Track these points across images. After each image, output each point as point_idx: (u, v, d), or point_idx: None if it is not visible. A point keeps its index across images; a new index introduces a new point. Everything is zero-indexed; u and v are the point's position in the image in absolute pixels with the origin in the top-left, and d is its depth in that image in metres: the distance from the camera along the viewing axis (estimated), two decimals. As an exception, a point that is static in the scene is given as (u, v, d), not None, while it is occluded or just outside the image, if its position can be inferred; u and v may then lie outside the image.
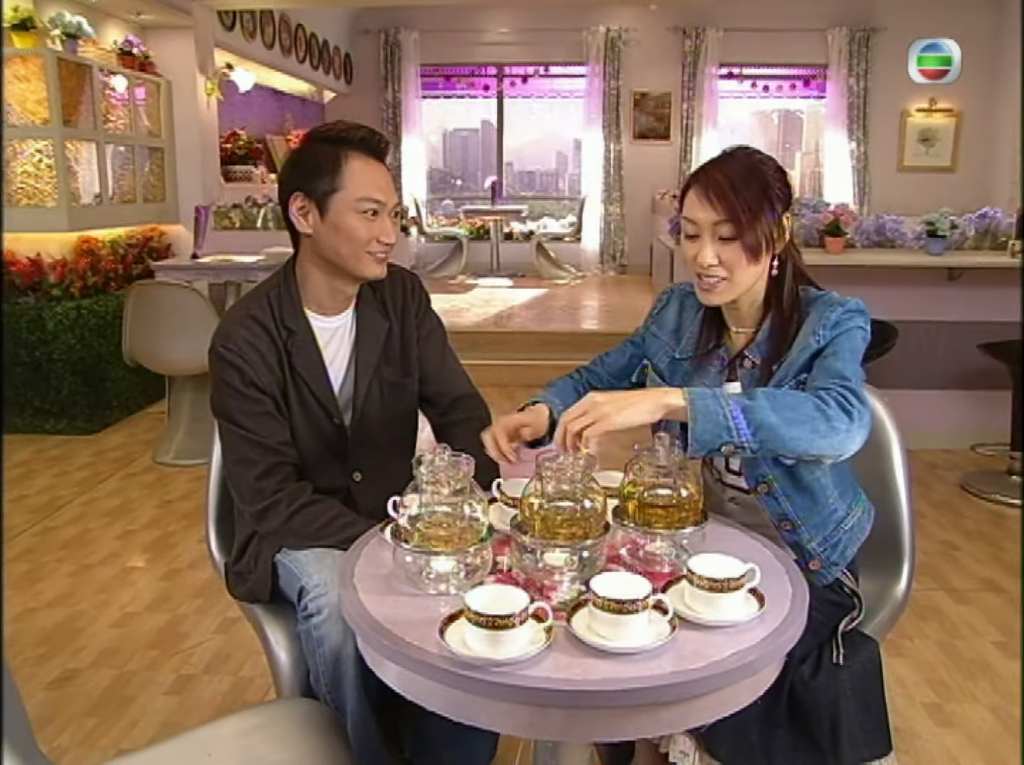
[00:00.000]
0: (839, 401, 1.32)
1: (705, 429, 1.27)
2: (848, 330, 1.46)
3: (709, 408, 1.28)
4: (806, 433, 1.28)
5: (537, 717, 1.05)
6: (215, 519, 1.92)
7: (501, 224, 9.56)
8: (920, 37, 8.51)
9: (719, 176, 1.46)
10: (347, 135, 1.60)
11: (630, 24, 8.99)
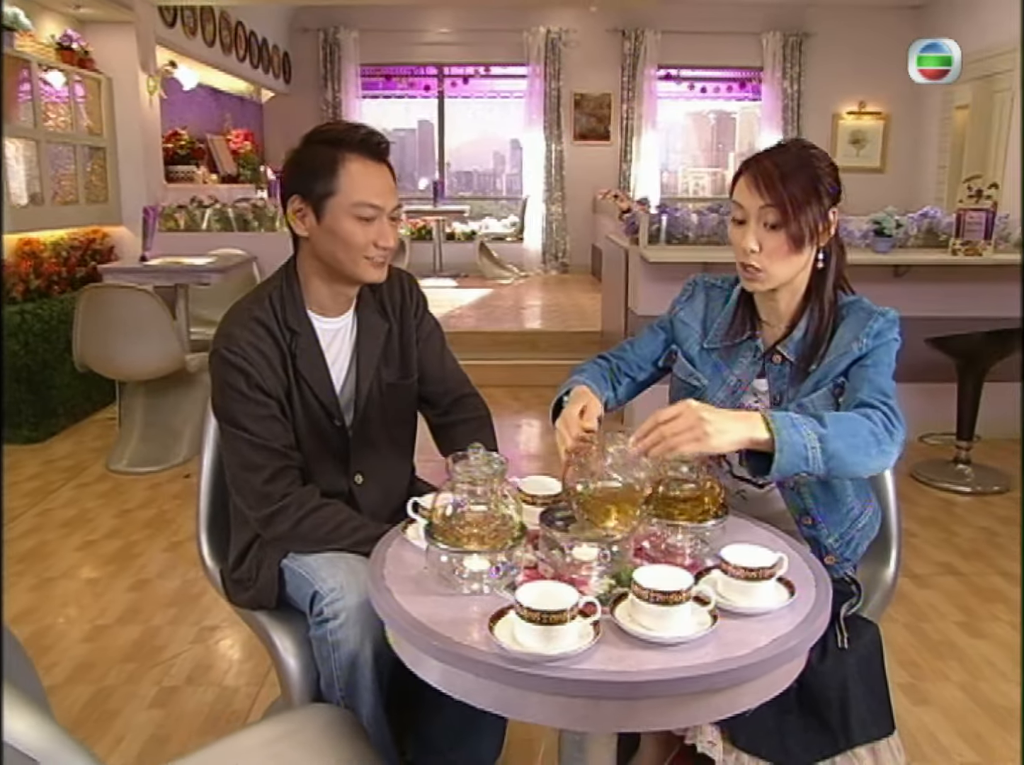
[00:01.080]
0: (884, 422, 1.38)
1: (788, 461, 1.30)
2: (887, 342, 1.52)
3: (793, 440, 1.30)
4: (863, 457, 1.34)
5: (592, 709, 1.06)
6: (207, 526, 1.88)
7: (443, 224, 9.55)
8: (848, 42, 8.83)
9: (769, 164, 1.49)
10: (345, 136, 1.58)
11: (570, 25, 9.06)
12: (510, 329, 6.36)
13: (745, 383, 1.63)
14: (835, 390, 1.53)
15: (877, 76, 8.94)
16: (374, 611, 1.49)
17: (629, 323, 4.64)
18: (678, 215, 4.49)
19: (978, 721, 2.18)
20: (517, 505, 1.26)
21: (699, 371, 1.66)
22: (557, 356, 5.94)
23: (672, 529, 1.35)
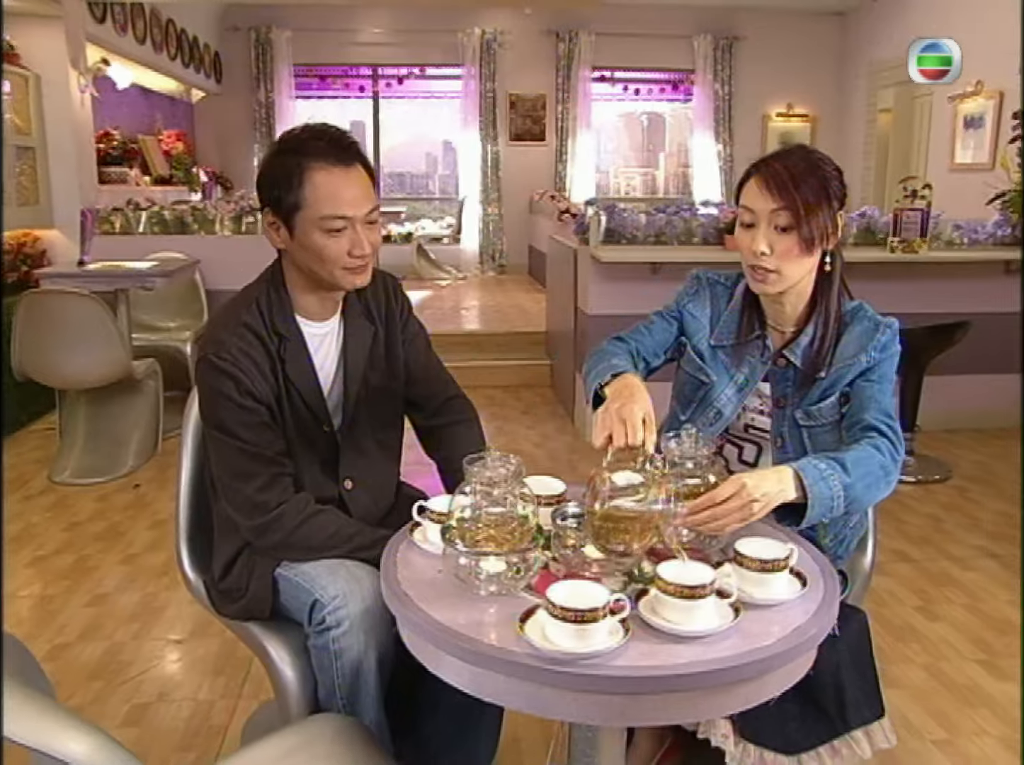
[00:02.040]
0: (890, 450, 1.45)
1: (818, 513, 1.36)
2: (891, 355, 1.58)
3: (823, 494, 1.36)
4: (875, 494, 1.43)
5: (629, 705, 1.07)
6: (187, 537, 1.84)
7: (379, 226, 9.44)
8: (776, 47, 9.06)
9: (780, 168, 1.52)
10: (308, 143, 1.51)
11: (505, 27, 9.08)
12: (453, 331, 6.34)
13: (753, 383, 1.67)
14: (841, 398, 1.59)
15: (804, 79, 9.21)
16: (378, 617, 1.50)
17: (580, 323, 4.68)
18: (626, 215, 4.54)
19: (943, 700, 2.27)
20: (533, 506, 1.26)
21: (707, 366, 1.69)
22: (503, 357, 5.95)
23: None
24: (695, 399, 1.74)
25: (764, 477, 1.34)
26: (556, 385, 5.47)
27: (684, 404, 1.76)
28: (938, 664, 2.43)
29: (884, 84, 8.15)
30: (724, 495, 1.29)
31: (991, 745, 2.09)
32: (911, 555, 3.14)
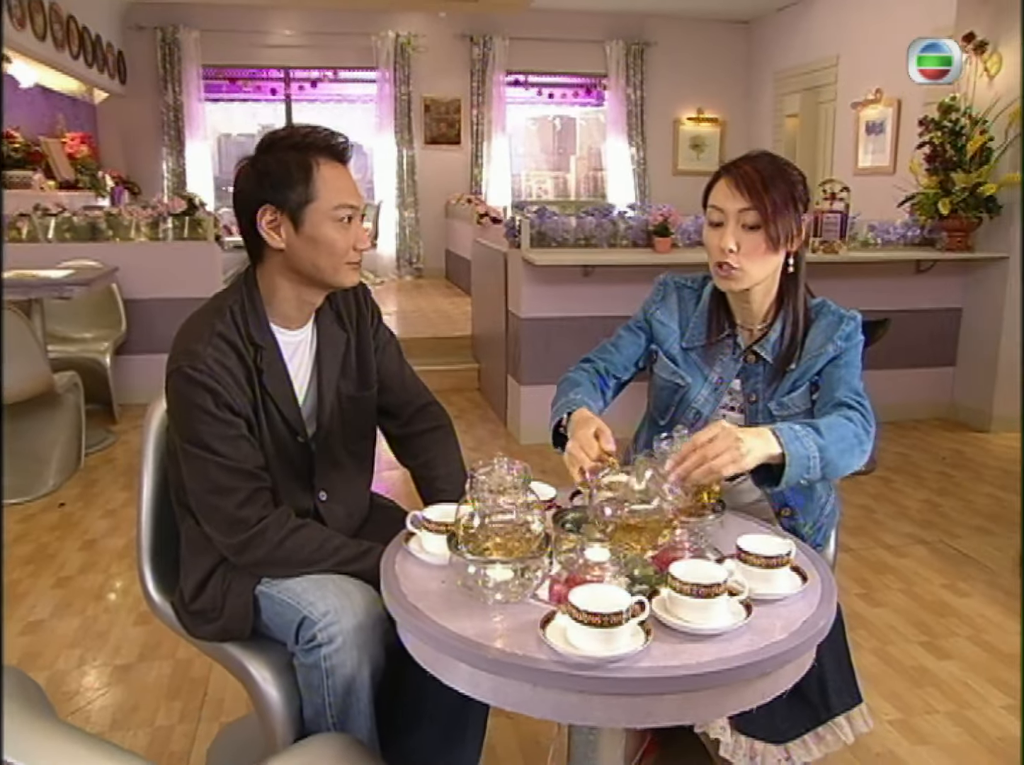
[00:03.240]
0: (862, 422, 1.49)
1: (795, 472, 1.38)
2: (856, 344, 1.63)
3: (800, 453, 1.38)
4: (850, 460, 1.46)
5: (655, 705, 1.08)
6: (150, 557, 1.76)
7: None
8: (686, 53, 9.29)
9: (750, 170, 1.57)
10: (313, 140, 1.53)
11: (419, 30, 9.03)
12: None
13: (726, 381, 1.71)
14: (811, 388, 1.64)
15: (714, 85, 9.47)
16: (370, 632, 1.47)
17: (511, 326, 4.69)
18: (556, 219, 4.58)
19: (894, 682, 2.36)
20: (540, 513, 1.26)
21: (681, 370, 1.73)
22: (432, 362, 5.89)
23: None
24: (672, 403, 1.76)
25: (743, 430, 1.38)
26: (485, 389, 5.47)
27: (662, 410, 1.79)
28: (885, 648, 2.53)
29: (790, 90, 8.46)
30: (708, 436, 1.32)
31: (941, 721, 2.19)
32: (849, 545, 3.25)
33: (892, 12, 6.74)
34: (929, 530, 3.35)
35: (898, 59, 6.55)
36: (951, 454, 4.29)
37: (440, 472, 1.77)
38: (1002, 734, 2.14)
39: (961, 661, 2.45)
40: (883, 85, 6.88)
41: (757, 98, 9.28)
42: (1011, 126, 4.28)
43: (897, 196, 4.77)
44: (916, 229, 4.68)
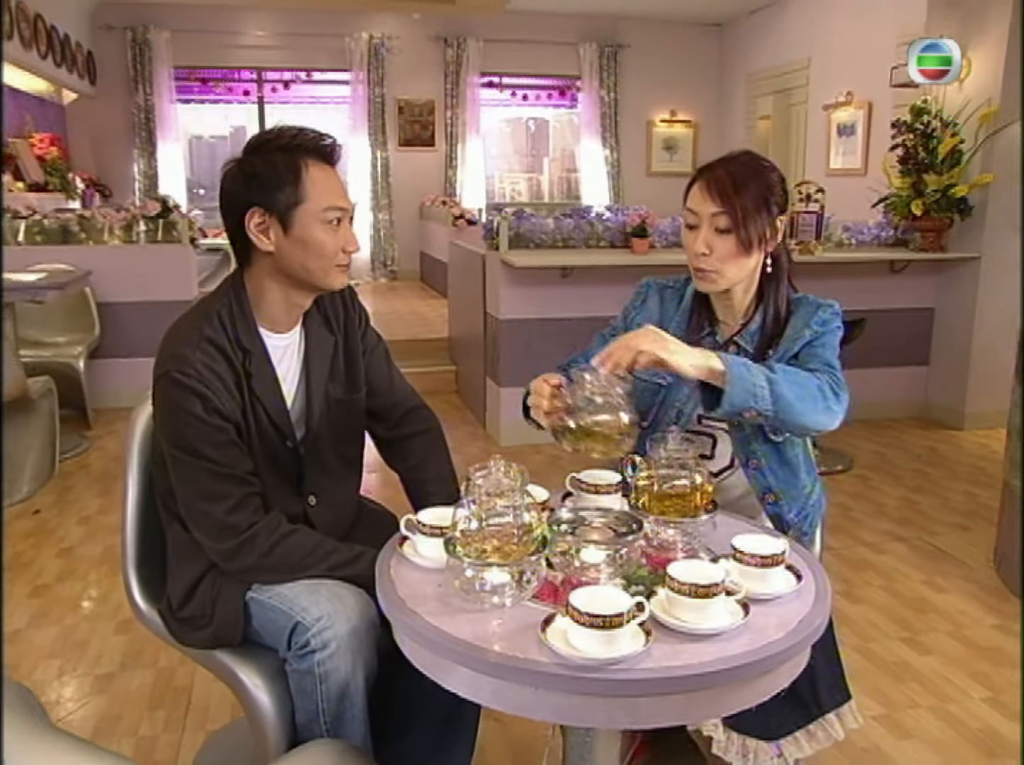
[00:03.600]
0: (831, 384, 1.52)
1: (738, 395, 1.41)
2: (833, 329, 1.66)
3: (743, 375, 1.42)
4: (810, 408, 1.47)
5: (657, 706, 1.09)
6: (135, 564, 1.74)
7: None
8: (659, 55, 9.34)
9: (723, 173, 1.60)
10: (301, 142, 1.52)
11: (393, 32, 9.00)
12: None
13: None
14: None
15: (687, 87, 9.53)
16: (364, 636, 1.47)
17: (489, 328, 4.69)
18: (534, 221, 4.59)
19: (876, 678, 2.39)
20: (537, 515, 1.26)
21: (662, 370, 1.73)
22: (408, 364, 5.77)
23: (665, 525, 1.40)
24: (654, 403, 1.77)
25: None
26: (463, 391, 5.46)
27: (643, 411, 1.79)
28: (867, 645, 2.55)
29: (762, 92, 8.54)
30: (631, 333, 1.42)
31: (923, 715, 2.22)
32: (829, 543, 3.27)
33: (862, 16, 6.83)
34: (907, 527, 3.39)
35: (868, 62, 6.67)
36: (926, 452, 4.35)
37: (430, 475, 1.77)
38: (982, 726, 2.17)
39: (941, 656, 2.48)
40: (854, 88, 6.96)
41: (730, 100, 9.35)
42: (981, 129, 4.35)
43: (871, 197, 4.83)
44: (890, 230, 4.75)
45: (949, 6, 4.61)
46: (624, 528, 1.35)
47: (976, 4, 4.44)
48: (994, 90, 4.33)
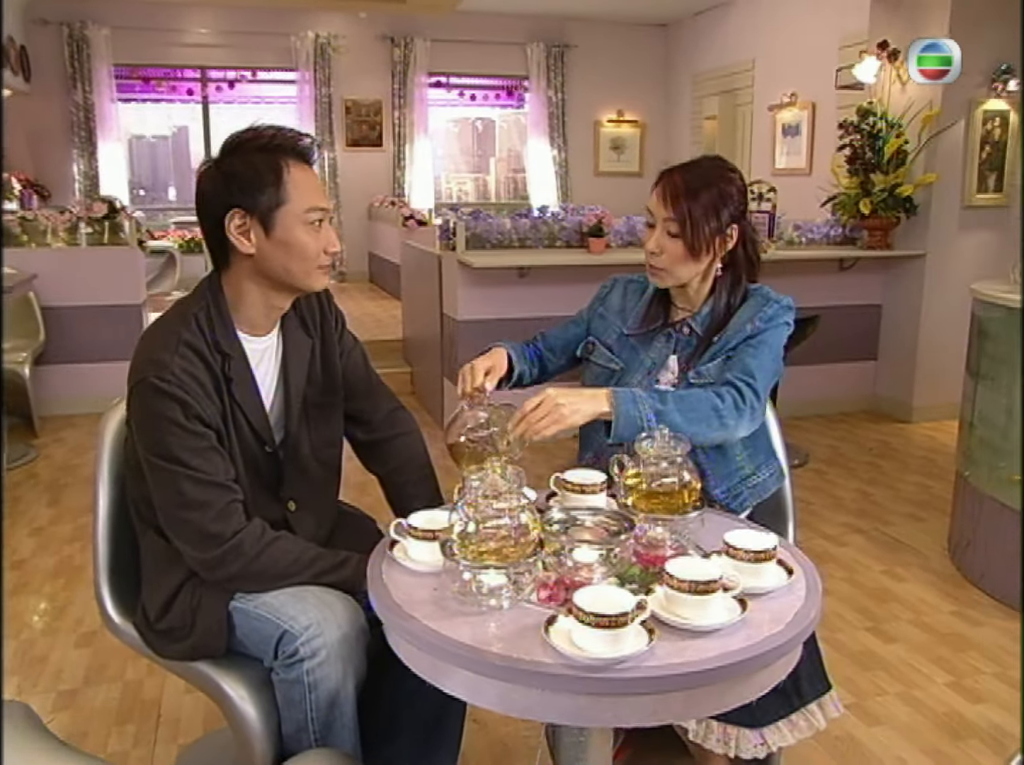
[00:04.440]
0: (734, 398, 1.60)
1: (624, 427, 1.53)
2: (777, 326, 1.72)
3: (630, 413, 1.53)
4: (702, 429, 1.57)
5: (660, 704, 1.09)
6: (107, 576, 1.69)
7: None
8: (605, 55, 9.41)
9: (679, 180, 1.67)
10: (280, 141, 1.49)
11: (339, 31, 8.90)
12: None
13: (659, 364, 1.80)
14: (725, 361, 1.72)
15: (633, 87, 9.62)
16: (354, 643, 1.45)
17: (447, 329, 4.67)
18: (491, 221, 4.59)
19: (845, 667, 2.44)
20: (533, 516, 1.25)
21: (617, 357, 1.83)
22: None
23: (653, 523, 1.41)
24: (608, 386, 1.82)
25: (577, 392, 1.55)
26: (419, 392, 5.44)
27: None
28: (835, 636, 2.61)
29: (707, 93, 8.66)
30: (532, 405, 1.48)
31: (891, 702, 2.28)
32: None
33: (805, 19, 6.97)
34: (864, 519, 3.47)
35: (812, 63, 6.82)
36: (877, 445, 4.46)
37: (411, 478, 1.76)
38: (947, 710, 2.24)
39: (905, 643, 2.55)
40: (798, 89, 7.10)
41: (676, 100, 9.47)
42: (924, 130, 4.47)
43: (818, 196, 4.93)
44: (838, 228, 4.85)
45: (891, 11, 4.73)
46: (616, 527, 1.37)
47: (916, 9, 4.57)
48: (935, 92, 4.45)
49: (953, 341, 4.60)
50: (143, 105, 9.03)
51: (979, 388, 2.92)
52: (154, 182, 11.64)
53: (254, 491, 1.57)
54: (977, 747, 2.09)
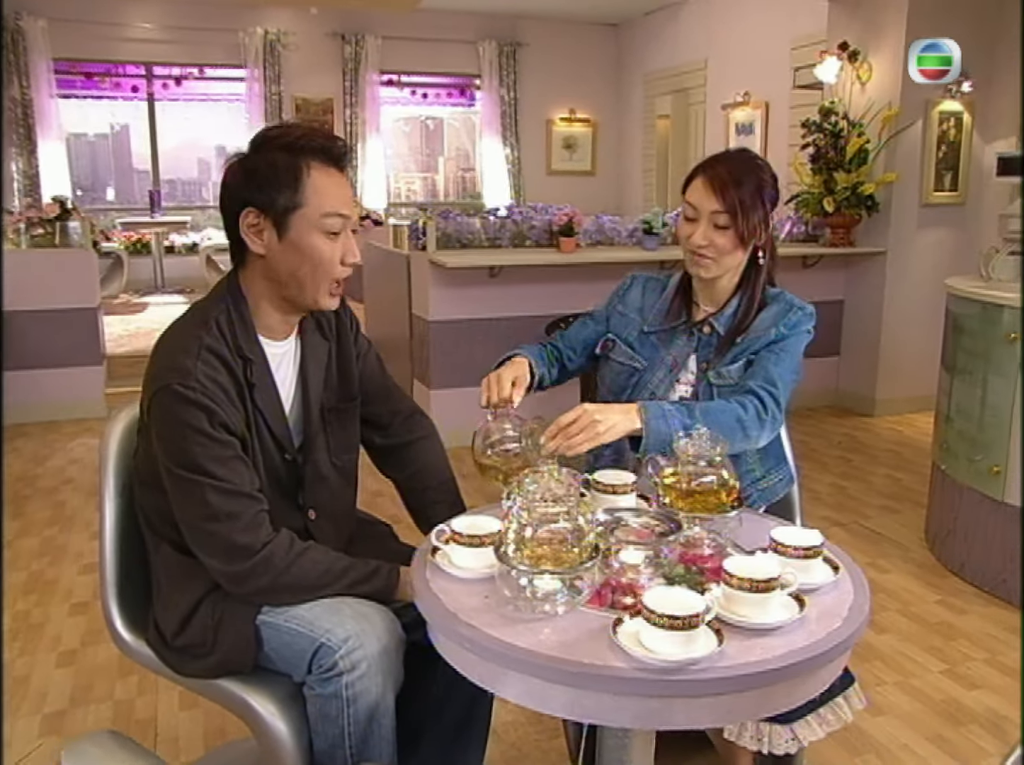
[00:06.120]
0: (757, 409, 1.62)
1: (654, 444, 1.52)
2: (800, 333, 1.74)
3: (660, 430, 1.53)
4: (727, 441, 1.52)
5: (735, 703, 1.09)
6: (116, 593, 1.62)
7: (162, 237, 8.89)
8: (557, 54, 9.43)
9: (723, 170, 1.67)
10: (306, 142, 1.43)
11: (289, 27, 8.76)
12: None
13: (680, 362, 1.79)
14: (747, 365, 1.73)
15: (585, 86, 9.67)
16: (394, 655, 1.42)
17: (417, 329, 4.63)
18: (460, 220, 4.56)
19: (839, 659, 2.47)
20: (591, 519, 1.24)
21: (638, 355, 1.82)
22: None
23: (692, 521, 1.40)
24: (628, 386, 1.84)
25: (610, 408, 1.53)
26: (385, 394, 5.36)
27: (617, 392, 1.86)
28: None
29: (660, 92, 8.73)
30: (568, 419, 1.47)
31: (891, 691, 2.32)
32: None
33: (756, 18, 7.07)
34: (842, 513, 3.54)
35: (764, 63, 6.93)
36: (844, 439, 4.54)
37: (432, 482, 1.72)
38: (945, 697, 2.29)
39: (896, 634, 2.60)
40: (751, 88, 7.21)
41: (628, 99, 9.53)
42: (884, 130, 4.57)
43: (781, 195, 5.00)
44: (801, 226, 4.94)
45: (849, 13, 4.83)
46: (662, 527, 1.36)
47: (874, 11, 4.67)
48: (894, 93, 4.56)
49: (914, 336, 4.74)
50: (84, 102, 8.76)
51: (955, 382, 2.99)
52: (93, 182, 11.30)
53: (275, 500, 1.51)
54: (977, 732, 2.14)
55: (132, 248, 8.79)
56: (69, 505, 3.68)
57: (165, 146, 9.53)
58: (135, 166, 10.72)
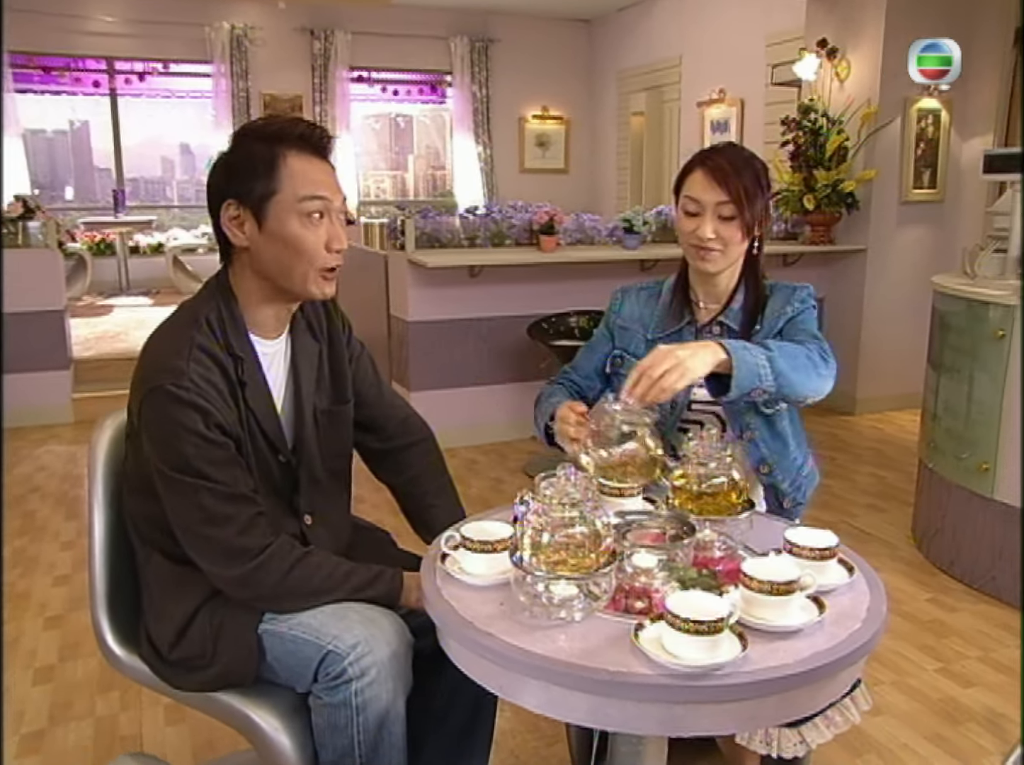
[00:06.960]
0: (820, 352, 1.60)
1: (745, 377, 1.46)
2: (810, 307, 1.74)
3: (746, 358, 1.47)
4: (804, 377, 1.54)
5: (758, 708, 1.07)
6: (106, 606, 1.56)
7: (126, 238, 8.72)
8: (529, 50, 9.39)
9: (723, 161, 1.65)
10: (284, 131, 1.40)
11: (256, 22, 8.61)
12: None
13: None
14: None
15: (558, 83, 9.62)
16: (403, 660, 1.38)
17: (396, 330, 4.57)
18: (440, 219, 4.50)
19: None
20: (607, 523, 1.20)
21: None
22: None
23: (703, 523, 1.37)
24: None
25: (686, 344, 1.49)
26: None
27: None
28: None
29: (634, 89, 8.72)
30: (648, 363, 1.42)
31: (888, 691, 2.32)
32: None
33: (731, 15, 7.07)
34: (829, 512, 3.53)
35: (739, 60, 6.94)
36: (827, 438, 4.55)
37: (429, 487, 1.69)
38: (941, 696, 2.28)
39: (890, 633, 2.59)
40: (726, 85, 7.22)
41: (601, 96, 9.51)
42: (863, 127, 4.59)
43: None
44: (781, 223, 4.94)
45: (827, 10, 4.85)
46: (675, 531, 1.33)
47: (852, 8, 4.69)
48: (872, 91, 4.58)
49: (894, 334, 4.77)
50: (42, 97, 8.51)
51: (942, 379, 3.00)
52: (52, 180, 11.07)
53: (271, 504, 1.47)
54: (976, 730, 2.14)
55: (96, 249, 8.61)
56: (39, 514, 3.58)
57: (128, 143, 9.33)
58: (96, 164, 10.52)
